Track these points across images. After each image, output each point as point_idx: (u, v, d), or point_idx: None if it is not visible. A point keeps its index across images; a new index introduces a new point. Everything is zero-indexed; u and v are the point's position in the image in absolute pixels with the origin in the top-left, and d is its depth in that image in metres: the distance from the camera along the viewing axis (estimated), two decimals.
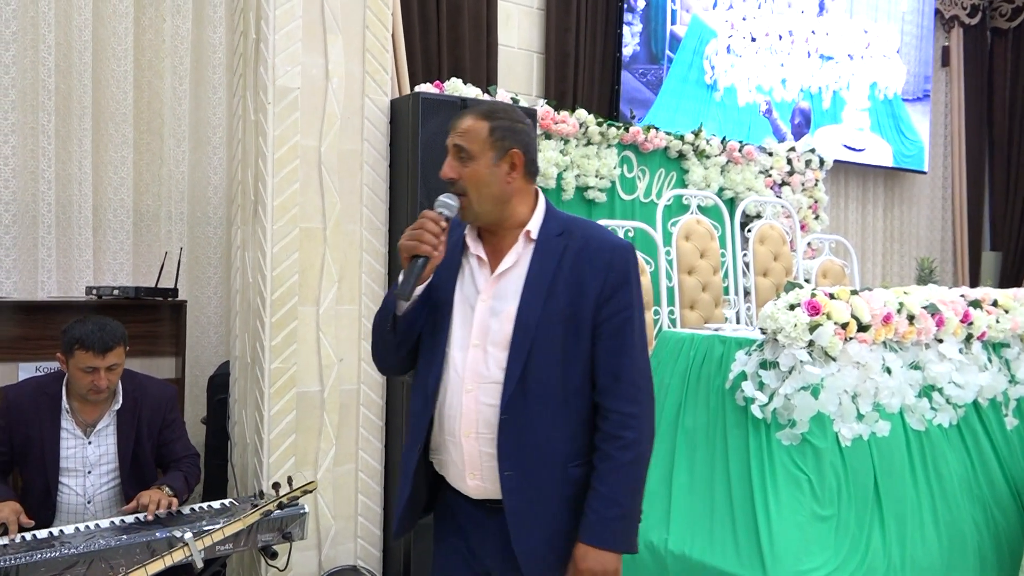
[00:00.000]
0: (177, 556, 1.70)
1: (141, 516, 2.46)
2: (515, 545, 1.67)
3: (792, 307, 2.93)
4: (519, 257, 1.71)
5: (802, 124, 6.52)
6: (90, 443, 2.64)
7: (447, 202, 1.67)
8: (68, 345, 2.55)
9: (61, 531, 2.35)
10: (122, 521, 2.46)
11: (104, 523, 2.43)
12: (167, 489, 2.58)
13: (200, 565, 1.95)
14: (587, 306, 1.68)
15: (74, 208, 3.81)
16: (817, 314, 2.90)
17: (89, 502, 2.63)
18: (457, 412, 1.71)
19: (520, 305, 1.67)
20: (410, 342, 1.76)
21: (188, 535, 1.74)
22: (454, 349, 1.71)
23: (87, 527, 2.39)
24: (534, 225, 1.73)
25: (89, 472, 2.63)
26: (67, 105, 3.80)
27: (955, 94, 7.82)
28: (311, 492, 2.22)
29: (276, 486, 2.31)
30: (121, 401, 2.68)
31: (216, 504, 2.64)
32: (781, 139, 6.07)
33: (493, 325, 1.69)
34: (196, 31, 4.12)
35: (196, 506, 2.66)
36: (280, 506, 2.16)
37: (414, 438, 1.78)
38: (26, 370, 3.16)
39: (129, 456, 2.67)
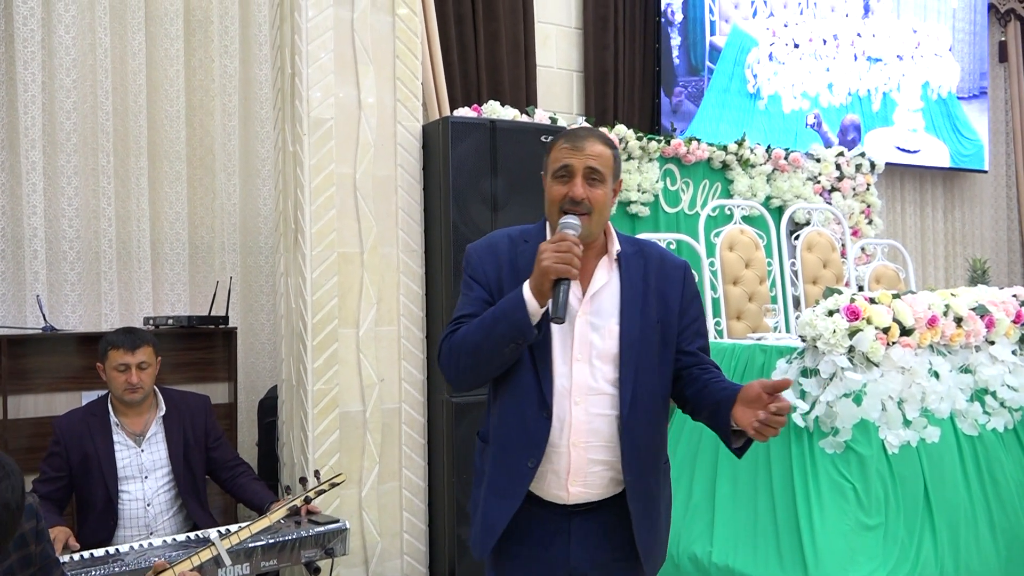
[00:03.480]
0: (204, 555, 1.78)
1: (211, 531, 2.59)
2: (639, 543, 1.80)
3: (831, 313, 2.89)
4: (609, 276, 1.82)
5: (855, 139, 6.41)
6: (143, 451, 2.81)
7: (573, 223, 1.72)
8: (103, 350, 2.79)
9: (117, 549, 2.47)
10: (174, 539, 2.57)
11: (157, 541, 2.55)
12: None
13: (228, 566, 2.03)
14: (672, 316, 1.84)
15: (133, 243, 4.01)
16: (856, 319, 2.86)
17: (148, 505, 2.79)
18: (564, 423, 1.77)
19: (622, 321, 1.79)
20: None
21: (213, 534, 1.82)
22: (557, 363, 1.78)
23: (140, 545, 2.50)
24: (617, 246, 1.84)
25: (146, 477, 2.80)
26: (125, 146, 4.01)
27: (1015, 89, 7.57)
28: (339, 484, 2.29)
29: (303, 481, 2.39)
30: (165, 408, 2.87)
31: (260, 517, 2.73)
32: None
33: (595, 340, 1.78)
34: (243, 70, 4.30)
35: (246, 523, 2.76)
36: (307, 500, 2.23)
37: (523, 451, 1.78)
38: (89, 398, 3.32)
39: (181, 460, 2.84)
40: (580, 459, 1.78)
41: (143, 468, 2.79)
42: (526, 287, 1.68)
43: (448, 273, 3.24)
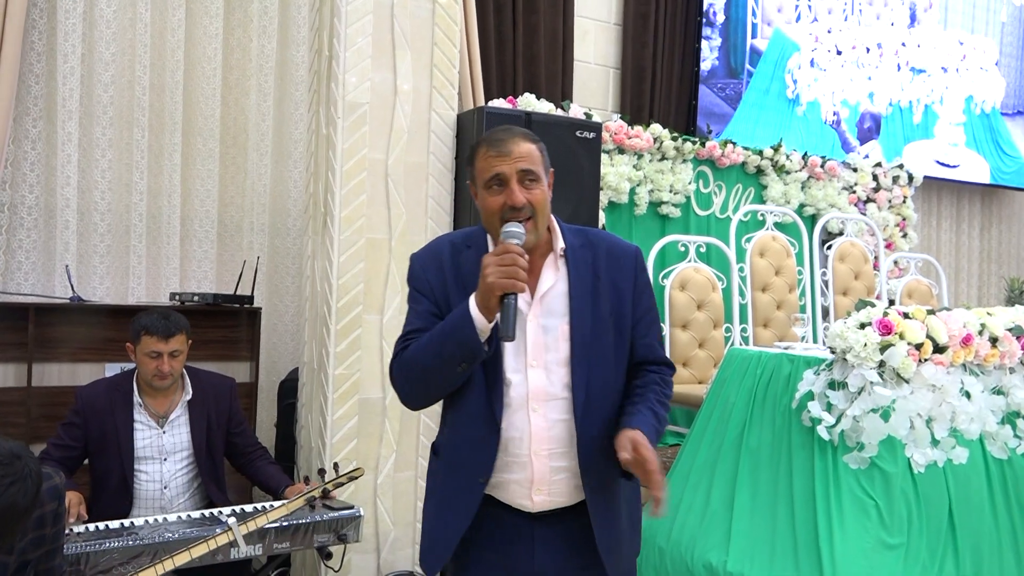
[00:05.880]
0: (221, 540, 1.77)
1: (225, 510, 2.60)
2: (599, 542, 1.74)
3: (863, 326, 2.83)
4: (556, 275, 1.75)
5: (872, 129, 6.28)
6: (164, 432, 2.79)
7: (516, 231, 1.63)
8: (135, 333, 2.74)
9: (132, 522, 2.47)
10: (188, 516, 2.57)
11: (172, 517, 2.55)
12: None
13: (243, 548, 2.02)
14: (626, 305, 1.78)
15: (163, 218, 4.03)
16: (889, 333, 2.80)
17: (165, 487, 2.78)
18: (524, 432, 1.71)
19: (572, 321, 1.72)
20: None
21: (232, 519, 1.81)
22: (509, 372, 1.71)
23: (156, 520, 2.51)
24: (562, 242, 1.77)
25: (165, 459, 2.78)
26: (159, 121, 4.03)
27: None
28: (357, 478, 2.27)
29: (322, 472, 2.38)
30: (191, 393, 2.84)
31: (278, 504, 2.73)
32: (848, 150, 5.89)
33: (549, 343, 1.72)
34: (280, 51, 4.30)
35: (261, 504, 2.76)
36: (324, 492, 2.22)
37: (473, 468, 1.73)
38: (112, 370, 3.35)
39: (204, 444, 2.83)
40: (543, 468, 1.71)
41: (163, 450, 2.78)
42: (472, 303, 1.59)
43: None
